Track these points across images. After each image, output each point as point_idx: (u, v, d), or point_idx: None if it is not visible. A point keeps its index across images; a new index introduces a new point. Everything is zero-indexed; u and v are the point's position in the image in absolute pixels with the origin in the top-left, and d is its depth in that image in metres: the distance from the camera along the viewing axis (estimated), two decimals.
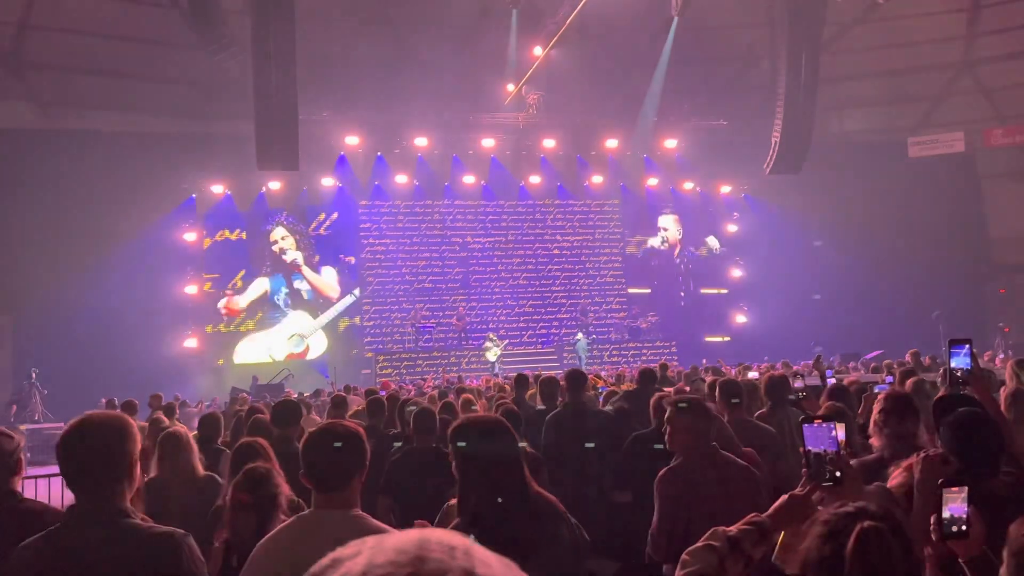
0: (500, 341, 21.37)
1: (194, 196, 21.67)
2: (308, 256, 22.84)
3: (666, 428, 3.71)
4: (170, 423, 7.15)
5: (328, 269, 23.01)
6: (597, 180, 24.68)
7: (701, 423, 3.65)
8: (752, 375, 8.87)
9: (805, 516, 1.83)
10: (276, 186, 21.88)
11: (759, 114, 22.12)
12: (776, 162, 19.99)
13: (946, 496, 2.01)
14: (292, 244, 22.73)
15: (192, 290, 21.50)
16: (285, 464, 3.53)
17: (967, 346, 3.31)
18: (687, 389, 7.27)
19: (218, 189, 21.73)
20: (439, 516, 3.69)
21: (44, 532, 2.25)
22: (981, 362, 4.37)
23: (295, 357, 22.09)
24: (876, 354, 17.68)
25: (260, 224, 22.48)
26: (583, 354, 21.01)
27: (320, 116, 20.71)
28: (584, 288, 24.78)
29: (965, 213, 25.35)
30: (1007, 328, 21.16)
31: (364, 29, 21.05)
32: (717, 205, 25.82)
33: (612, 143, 24.04)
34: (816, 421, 2.06)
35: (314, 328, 22.65)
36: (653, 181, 25.23)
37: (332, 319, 22.86)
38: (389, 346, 22.60)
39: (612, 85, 22.36)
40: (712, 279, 25.63)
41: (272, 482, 3.07)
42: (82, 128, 19.99)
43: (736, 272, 25.59)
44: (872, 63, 23.84)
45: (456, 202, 24.02)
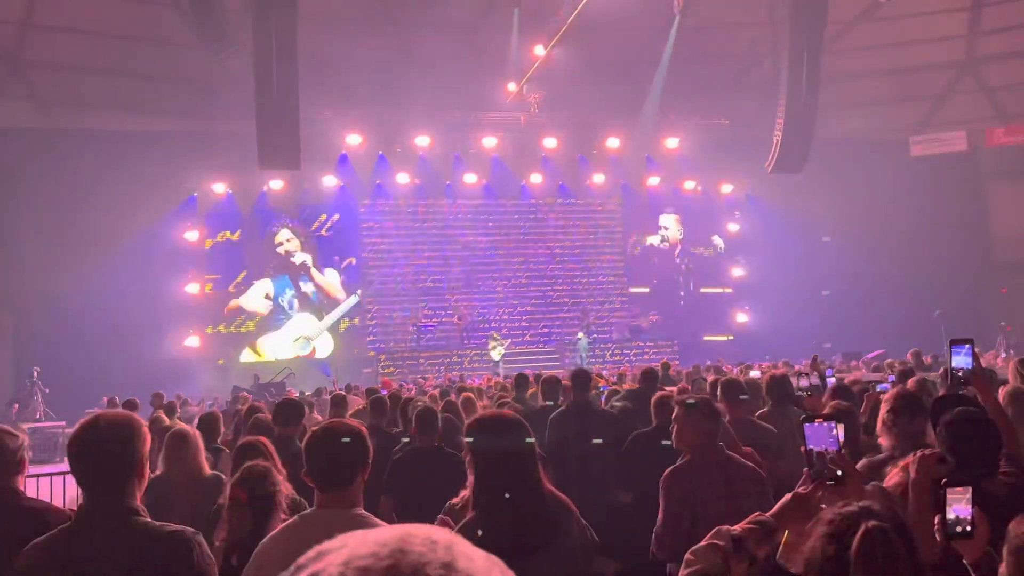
0: (504, 340, 21.37)
1: (195, 195, 21.68)
2: (314, 258, 22.86)
3: (673, 427, 3.70)
4: (170, 422, 7.16)
5: (330, 270, 23.02)
6: (598, 179, 24.65)
7: (709, 423, 3.64)
8: (754, 374, 8.87)
9: (809, 515, 1.82)
10: (278, 185, 21.88)
11: (761, 113, 22.08)
12: (778, 161, 19.95)
13: (950, 497, 1.99)
14: (297, 246, 22.72)
15: (194, 289, 21.50)
16: (287, 463, 3.53)
17: (968, 346, 3.29)
18: (689, 388, 7.27)
19: (219, 188, 21.74)
20: (441, 515, 3.69)
21: (55, 531, 2.25)
22: (983, 361, 4.36)
23: (302, 359, 22.08)
24: (877, 353, 17.68)
25: (261, 225, 22.47)
26: (584, 353, 21.01)
27: (321, 115, 20.70)
28: (586, 287, 24.77)
29: (967, 212, 25.33)
30: (1009, 327, 21.13)
31: (365, 28, 21.04)
32: (718, 204, 25.80)
33: (613, 142, 24.01)
34: (817, 420, 2.06)
35: (320, 330, 22.64)
36: (654, 180, 25.19)
37: (336, 320, 22.87)
38: (391, 345, 22.60)
39: (614, 84, 22.32)
40: (713, 278, 25.62)
41: (270, 480, 3.06)
42: (83, 127, 19.98)
43: (737, 271, 25.58)
44: (874, 62, 23.82)
45: (458, 201, 24.01)
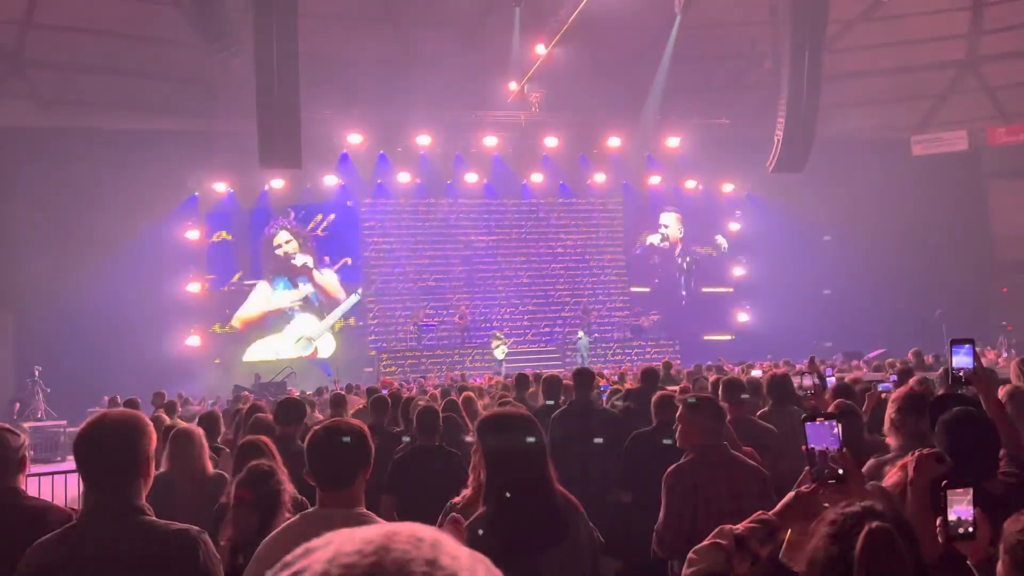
0: (507, 339, 21.37)
1: (196, 194, 21.68)
2: (313, 259, 22.85)
3: (677, 426, 3.70)
4: (171, 421, 7.16)
5: (328, 271, 23.01)
6: (599, 178, 24.64)
7: (712, 421, 3.64)
8: (756, 373, 8.86)
9: (812, 514, 1.82)
10: (279, 184, 21.87)
11: (762, 112, 22.09)
12: (779, 160, 19.94)
13: (951, 498, 1.98)
14: (296, 247, 22.72)
15: (195, 288, 21.50)
16: (288, 462, 3.52)
17: (968, 345, 3.27)
18: (690, 388, 7.27)
19: (220, 187, 21.73)
20: (442, 514, 3.68)
21: (60, 530, 2.25)
22: (984, 361, 4.35)
23: (304, 359, 22.07)
24: (878, 353, 17.67)
25: (261, 226, 22.47)
26: (585, 352, 21.01)
27: (323, 114, 20.68)
28: (587, 286, 24.76)
29: (968, 212, 25.32)
30: (1010, 327, 21.13)
31: (366, 27, 21.04)
32: (720, 203, 25.79)
33: (615, 141, 23.99)
34: (818, 419, 2.05)
35: (321, 330, 22.64)
36: (655, 179, 25.19)
37: (337, 320, 22.87)
38: (392, 344, 22.60)
39: (615, 83, 22.31)
40: (714, 278, 25.61)
41: (275, 479, 3.07)
42: (84, 126, 19.96)
43: (738, 271, 25.56)
44: (875, 61, 23.78)
45: (459, 200, 24.00)
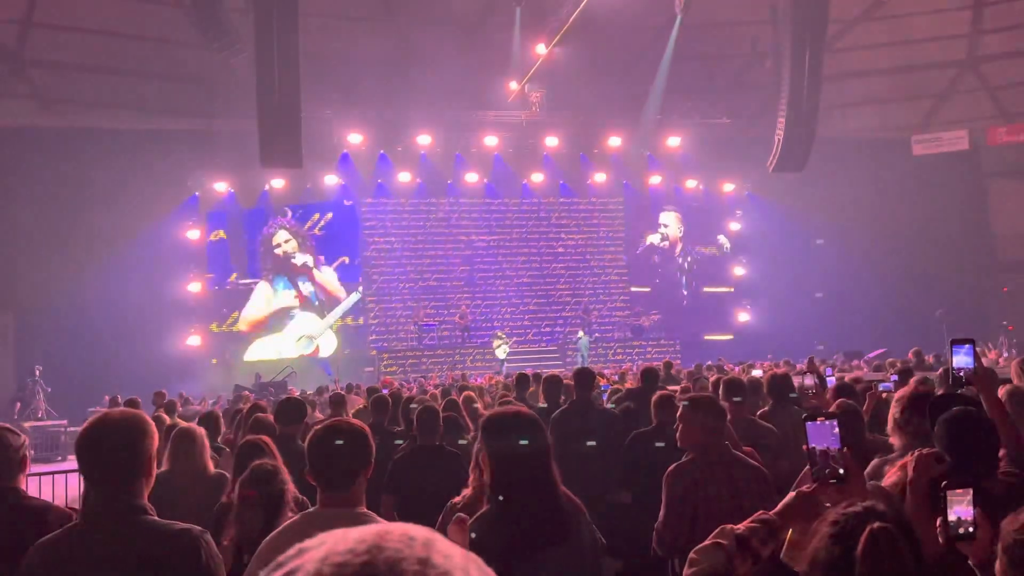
0: (508, 338, 21.37)
1: (197, 194, 21.68)
2: (313, 258, 22.85)
3: (678, 426, 3.69)
4: (171, 421, 7.16)
5: (328, 269, 23.00)
6: (600, 178, 24.63)
7: (713, 421, 3.63)
8: (756, 373, 8.85)
9: (814, 514, 1.82)
10: (279, 184, 21.87)
11: (762, 112, 22.08)
12: (779, 160, 19.93)
13: (951, 498, 1.98)
14: (295, 247, 22.71)
15: (195, 287, 21.51)
16: (289, 462, 3.52)
17: (969, 345, 3.26)
18: (691, 387, 7.27)
19: (221, 187, 21.74)
20: (442, 514, 3.68)
21: (62, 529, 2.25)
22: (985, 361, 4.34)
23: (306, 358, 22.07)
24: (878, 352, 17.68)
25: (260, 225, 22.47)
26: (585, 352, 21.00)
27: (323, 113, 20.70)
28: (588, 286, 24.75)
29: (969, 211, 25.31)
30: (1011, 326, 21.13)
31: (367, 26, 21.05)
32: (720, 203, 25.78)
33: (615, 141, 23.98)
34: (819, 419, 2.04)
35: (322, 328, 22.65)
36: (656, 179, 25.17)
37: (338, 318, 22.88)
38: (393, 344, 22.60)
39: (615, 83, 22.32)
40: (715, 277, 25.60)
41: (279, 478, 3.09)
42: (84, 126, 19.97)
43: (739, 270, 25.55)
44: (876, 61, 23.77)
45: (459, 200, 23.99)
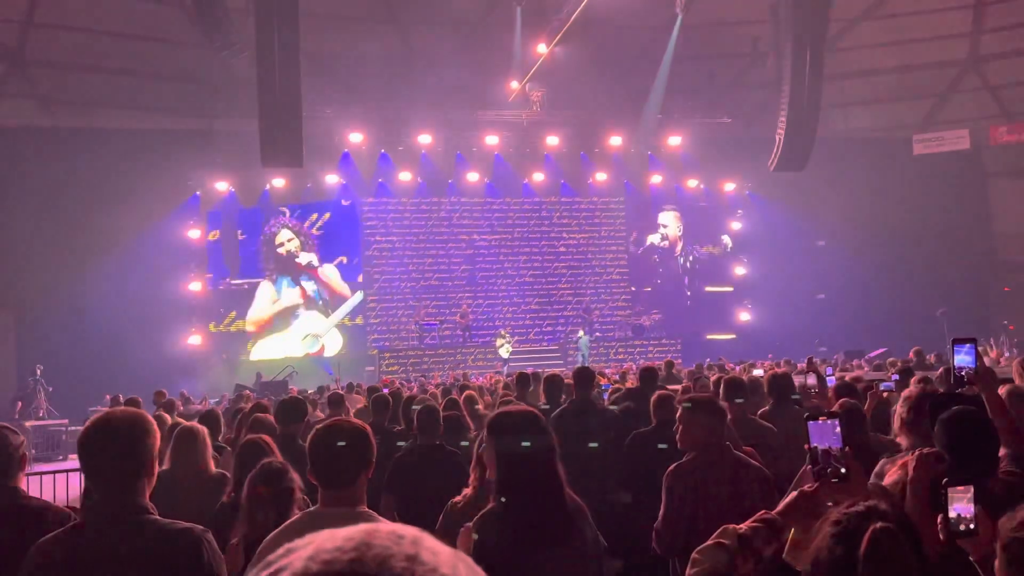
0: (511, 338, 21.37)
1: (198, 193, 21.69)
2: (316, 256, 22.86)
3: (678, 426, 3.69)
4: (172, 420, 7.16)
5: (329, 267, 23.01)
6: (601, 177, 24.63)
7: (713, 421, 3.63)
8: (757, 372, 8.86)
9: (816, 513, 1.81)
10: (280, 183, 21.87)
11: (763, 111, 22.07)
12: (780, 159, 19.91)
13: (951, 495, 1.99)
14: (298, 245, 22.72)
15: (196, 287, 21.53)
16: (290, 461, 3.52)
17: (970, 345, 3.26)
18: (692, 387, 7.26)
19: (222, 186, 21.74)
20: (443, 514, 3.67)
21: (64, 528, 2.25)
22: (987, 360, 4.34)
23: (311, 357, 22.09)
24: (879, 352, 17.67)
25: (261, 225, 22.47)
26: (585, 351, 21.00)
27: (324, 113, 20.69)
28: (589, 285, 24.75)
29: (970, 211, 25.29)
30: (1012, 326, 21.11)
31: (368, 26, 21.06)
32: (721, 202, 25.77)
33: (616, 140, 23.96)
34: (820, 418, 2.04)
35: (328, 327, 22.66)
36: (657, 178, 25.16)
37: (343, 317, 22.90)
38: (394, 343, 22.60)
39: (616, 82, 22.31)
40: (716, 277, 25.59)
41: (288, 476, 3.12)
42: (85, 126, 20.01)
43: (739, 270, 25.54)
44: (877, 60, 23.77)
45: (460, 199, 23.99)
